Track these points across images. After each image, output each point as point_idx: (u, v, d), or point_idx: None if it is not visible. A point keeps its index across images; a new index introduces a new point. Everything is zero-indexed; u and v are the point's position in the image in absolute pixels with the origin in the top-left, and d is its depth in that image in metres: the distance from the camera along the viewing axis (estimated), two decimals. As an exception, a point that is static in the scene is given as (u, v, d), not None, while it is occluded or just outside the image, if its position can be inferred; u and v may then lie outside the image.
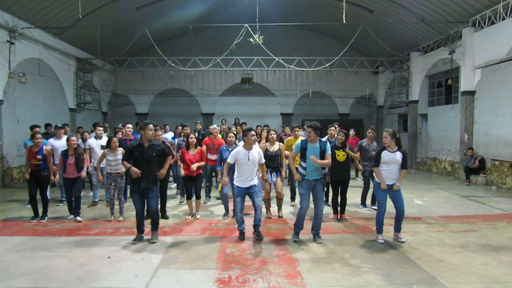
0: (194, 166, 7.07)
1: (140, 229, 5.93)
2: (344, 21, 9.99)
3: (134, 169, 5.64)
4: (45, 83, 13.83)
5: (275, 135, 7.52)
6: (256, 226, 6.01)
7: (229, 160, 5.98)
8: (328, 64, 15.23)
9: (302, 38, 20.28)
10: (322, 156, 5.77)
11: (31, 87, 12.80)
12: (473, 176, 11.91)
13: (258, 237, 5.96)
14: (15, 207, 8.49)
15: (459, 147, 12.91)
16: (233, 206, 6.21)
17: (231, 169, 6.36)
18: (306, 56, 16.56)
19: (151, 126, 5.81)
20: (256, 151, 6.01)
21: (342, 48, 14.62)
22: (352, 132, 11.22)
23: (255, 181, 6.03)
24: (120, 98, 20.69)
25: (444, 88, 14.55)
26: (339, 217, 7.24)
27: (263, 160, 6.19)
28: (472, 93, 12.31)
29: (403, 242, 5.82)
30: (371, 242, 5.92)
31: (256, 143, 6.24)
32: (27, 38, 12.24)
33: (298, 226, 5.94)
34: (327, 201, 8.31)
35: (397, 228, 6.01)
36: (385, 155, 5.88)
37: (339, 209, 7.27)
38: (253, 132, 5.97)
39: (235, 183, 6.03)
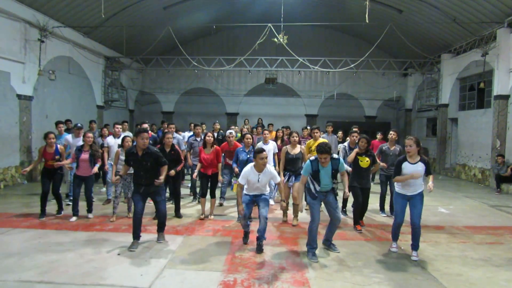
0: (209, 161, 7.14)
1: (136, 234, 5.57)
2: (367, 21, 9.66)
3: (113, 178, 5.96)
4: (74, 80, 14.26)
5: (297, 138, 7.21)
6: (259, 238, 5.51)
7: (240, 181, 5.62)
8: (353, 65, 14.89)
9: (327, 38, 19.97)
10: (335, 175, 5.41)
11: (61, 84, 13.24)
12: (504, 185, 11.30)
13: (257, 251, 5.47)
14: (38, 200, 8.70)
15: (490, 154, 12.29)
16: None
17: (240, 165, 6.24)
18: (332, 56, 16.24)
19: (144, 134, 5.50)
20: (267, 174, 5.63)
21: (369, 49, 14.24)
22: (379, 135, 10.86)
23: (266, 192, 5.79)
24: (147, 97, 21.06)
25: (476, 91, 13.91)
26: (361, 227, 6.83)
27: (279, 179, 5.83)
28: (506, 97, 11.68)
29: (415, 260, 5.30)
30: (387, 250, 5.69)
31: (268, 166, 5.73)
32: (58, 36, 12.64)
33: (313, 245, 5.35)
34: (345, 211, 7.95)
35: (414, 246, 5.43)
36: (406, 167, 5.36)
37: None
38: (263, 155, 5.48)
39: (244, 191, 5.77)
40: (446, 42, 15.10)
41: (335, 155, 5.44)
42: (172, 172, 6.03)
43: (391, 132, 7.82)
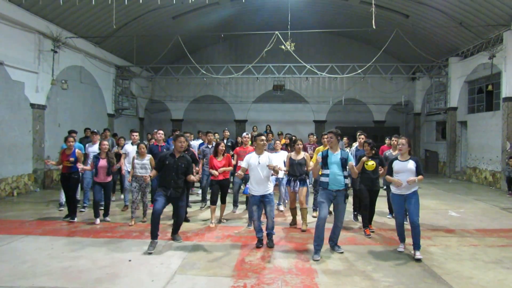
0: (220, 170, 7.27)
1: (154, 234, 5.78)
2: (374, 27, 9.70)
3: (130, 178, 6.30)
4: (86, 89, 14.54)
5: (301, 145, 7.39)
6: (269, 234, 6.04)
7: (243, 164, 6.18)
8: (361, 70, 14.91)
9: (334, 44, 20.05)
10: (344, 165, 5.66)
11: (73, 93, 13.52)
12: (516, 188, 11.19)
13: (269, 245, 5.96)
14: (51, 207, 8.91)
15: (500, 156, 12.19)
16: (250, 215, 6.25)
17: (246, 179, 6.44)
18: (339, 62, 16.30)
19: (182, 138, 6.05)
20: (266, 156, 6.05)
21: (377, 54, 14.25)
22: (388, 140, 10.80)
23: (269, 190, 6.01)
24: (156, 104, 21.29)
25: (485, 94, 13.83)
26: (370, 231, 6.81)
27: (275, 163, 6.09)
28: (514, 99, 11.63)
29: (419, 259, 5.36)
30: (397, 254, 5.69)
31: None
32: (70, 47, 12.94)
33: (318, 242, 5.51)
34: (356, 215, 7.91)
35: (415, 246, 5.50)
36: (396, 164, 5.75)
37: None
38: (262, 138, 6.10)
39: (250, 191, 6.09)
40: (453, 45, 15.07)
41: (352, 147, 5.77)
42: (194, 178, 6.34)
43: (393, 139, 7.97)
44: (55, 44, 12.01)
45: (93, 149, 8.62)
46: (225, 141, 10.74)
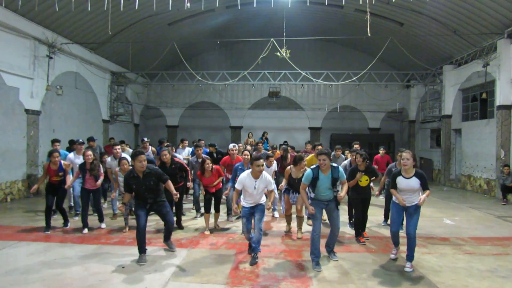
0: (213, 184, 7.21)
1: (142, 249, 5.54)
2: (369, 34, 9.77)
3: (121, 208, 5.75)
4: (81, 95, 14.48)
5: (305, 162, 6.97)
6: (253, 249, 5.57)
7: (237, 186, 5.72)
8: (356, 78, 14.98)
9: (330, 52, 20.16)
10: (334, 183, 5.47)
11: (67, 99, 13.46)
12: (510, 195, 11.23)
13: (251, 263, 5.47)
14: (44, 214, 8.76)
15: (495, 164, 12.25)
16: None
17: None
18: (334, 69, 16.37)
19: (141, 157, 5.47)
20: (264, 180, 5.66)
21: (371, 62, 14.34)
22: (381, 151, 10.81)
23: (262, 201, 5.81)
24: (152, 111, 21.25)
25: (479, 102, 13.94)
26: (364, 239, 6.80)
27: (272, 187, 5.81)
28: (508, 107, 11.70)
29: (409, 271, 5.26)
30: (392, 262, 5.68)
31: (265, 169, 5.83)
32: (65, 53, 12.91)
33: (316, 254, 5.42)
34: (352, 224, 7.92)
35: (408, 257, 5.40)
36: (400, 182, 5.42)
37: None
38: (259, 162, 5.52)
39: (242, 203, 5.85)
40: (448, 53, 15.21)
41: (334, 164, 5.55)
42: (176, 198, 5.96)
43: (399, 154, 7.64)
44: (51, 50, 11.99)
45: (80, 160, 8.14)
46: (214, 155, 10.23)
